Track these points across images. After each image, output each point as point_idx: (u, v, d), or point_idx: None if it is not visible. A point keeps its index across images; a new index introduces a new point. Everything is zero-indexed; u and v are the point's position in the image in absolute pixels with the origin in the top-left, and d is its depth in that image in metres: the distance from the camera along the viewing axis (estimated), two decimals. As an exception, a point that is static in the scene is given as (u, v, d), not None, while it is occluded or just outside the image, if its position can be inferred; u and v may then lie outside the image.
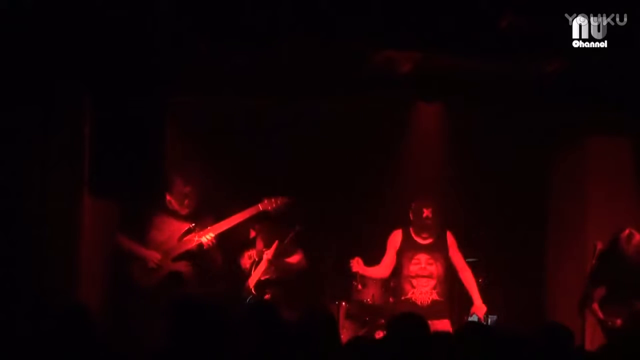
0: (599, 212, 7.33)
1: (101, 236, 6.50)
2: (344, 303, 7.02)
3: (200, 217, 6.62)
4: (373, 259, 7.17)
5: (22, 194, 5.72)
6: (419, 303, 6.53)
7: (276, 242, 6.76)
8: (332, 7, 5.98)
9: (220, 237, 6.59)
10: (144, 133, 5.80)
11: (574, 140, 7.58)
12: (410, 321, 4.24)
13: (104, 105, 5.91)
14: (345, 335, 6.84)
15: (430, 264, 6.59)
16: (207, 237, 6.47)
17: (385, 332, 4.81)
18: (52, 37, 5.70)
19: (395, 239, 6.72)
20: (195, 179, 6.68)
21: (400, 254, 6.66)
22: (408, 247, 6.64)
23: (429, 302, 6.55)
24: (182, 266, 6.49)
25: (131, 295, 6.44)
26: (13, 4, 5.53)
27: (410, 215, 6.68)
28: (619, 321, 6.34)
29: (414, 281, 6.56)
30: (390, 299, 7.01)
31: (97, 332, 4.38)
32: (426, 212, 6.56)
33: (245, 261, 6.88)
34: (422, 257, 6.59)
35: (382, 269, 6.76)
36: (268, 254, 6.74)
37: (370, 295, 7.03)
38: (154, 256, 6.42)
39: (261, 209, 6.64)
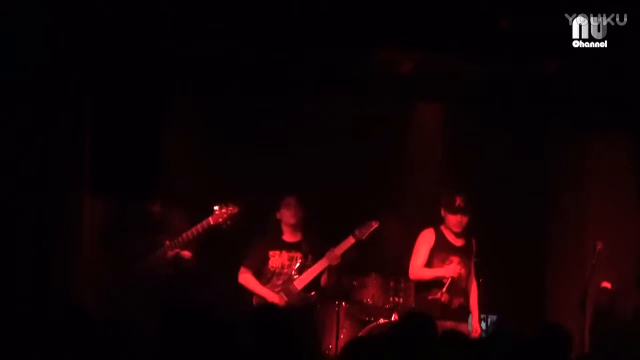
0: (599, 212, 7.33)
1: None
2: (344, 303, 7.00)
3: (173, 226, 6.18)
4: (374, 259, 7.17)
5: (23, 194, 5.72)
6: (447, 304, 6.30)
7: (352, 240, 6.45)
8: (332, 7, 5.99)
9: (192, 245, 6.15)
10: (144, 133, 5.81)
11: (573, 139, 7.58)
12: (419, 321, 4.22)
13: (105, 106, 5.92)
14: (345, 336, 6.86)
15: (462, 267, 6.35)
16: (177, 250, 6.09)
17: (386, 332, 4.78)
18: (52, 37, 5.71)
19: (429, 237, 6.43)
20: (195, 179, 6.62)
21: (432, 253, 6.39)
22: (442, 248, 6.38)
23: (457, 305, 6.33)
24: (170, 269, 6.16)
25: (130, 295, 6.40)
26: (13, 4, 5.54)
27: (442, 211, 6.39)
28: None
29: (445, 282, 6.28)
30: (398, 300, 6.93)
31: (96, 332, 4.38)
32: (458, 200, 6.34)
33: (277, 262, 6.48)
34: (455, 260, 6.33)
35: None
36: (335, 254, 6.38)
37: (370, 295, 7.03)
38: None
39: (212, 223, 6.04)
